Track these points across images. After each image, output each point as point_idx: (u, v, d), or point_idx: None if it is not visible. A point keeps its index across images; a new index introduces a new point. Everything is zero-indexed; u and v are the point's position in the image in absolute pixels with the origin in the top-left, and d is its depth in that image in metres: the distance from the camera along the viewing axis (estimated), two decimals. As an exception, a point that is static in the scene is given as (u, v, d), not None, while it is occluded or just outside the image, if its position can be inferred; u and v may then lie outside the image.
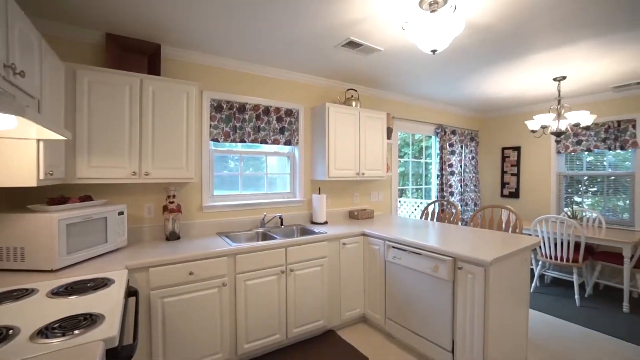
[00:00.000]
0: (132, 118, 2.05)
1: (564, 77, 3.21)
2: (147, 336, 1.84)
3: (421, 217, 3.72)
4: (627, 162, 3.79)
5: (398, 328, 2.43)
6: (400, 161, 4.40)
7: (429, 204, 3.72)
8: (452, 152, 4.51)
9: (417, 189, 4.62)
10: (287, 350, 2.37)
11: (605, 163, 4.01)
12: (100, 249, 1.88)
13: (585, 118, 3.12)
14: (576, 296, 3.27)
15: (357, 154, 3.12)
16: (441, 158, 4.31)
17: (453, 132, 4.51)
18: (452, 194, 4.48)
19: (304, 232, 2.85)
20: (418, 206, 4.61)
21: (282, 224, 2.87)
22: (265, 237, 2.70)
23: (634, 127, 3.63)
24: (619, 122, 3.73)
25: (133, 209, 2.34)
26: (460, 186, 4.60)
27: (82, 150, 1.90)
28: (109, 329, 1.01)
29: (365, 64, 2.83)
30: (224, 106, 2.65)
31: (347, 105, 3.13)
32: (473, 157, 4.83)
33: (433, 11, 1.84)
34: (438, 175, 4.34)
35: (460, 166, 4.63)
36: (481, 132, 5.16)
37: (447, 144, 4.44)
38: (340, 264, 2.62)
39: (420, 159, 4.57)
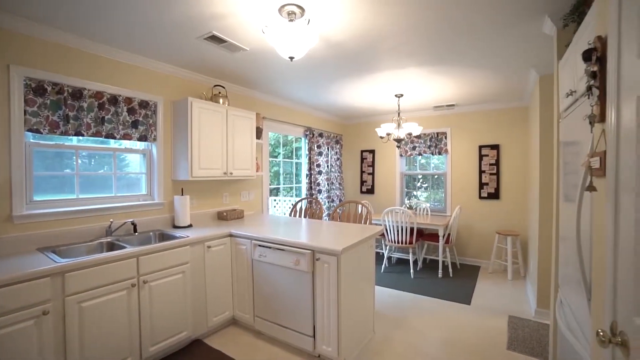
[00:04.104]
0: None
1: (402, 95, 3.96)
2: None
3: (290, 215, 3.92)
4: (443, 165, 4.99)
5: (266, 324, 2.49)
6: (274, 161, 4.51)
7: (296, 202, 3.96)
8: (320, 154, 4.94)
9: (290, 188, 4.84)
10: (140, 374, 2.10)
11: (432, 165, 5.17)
12: None
13: (415, 129, 3.94)
14: (411, 271, 4.11)
15: (225, 153, 3.02)
16: (310, 159, 4.66)
17: (320, 135, 4.94)
18: (320, 191, 4.90)
19: (163, 237, 2.57)
20: (292, 204, 4.84)
21: (135, 231, 2.51)
22: (112, 247, 2.30)
23: (445, 137, 4.82)
24: (437, 134, 4.87)
25: None
26: (327, 184, 5.08)
27: None
28: None
29: (233, 62, 2.77)
30: (49, 89, 2.11)
31: (214, 102, 3.00)
32: (338, 159, 5.42)
33: (291, 20, 1.96)
34: (307, 175, 4.67)
35: (327, 166, 5.11)
36: (344, 136, 5.83)
37: (315, 145, 4.83)
38: (205, 268, 2.49)
39: (293, 159, 4.81)
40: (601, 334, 0.81)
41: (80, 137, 2.32)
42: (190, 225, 2.84)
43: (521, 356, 2.32)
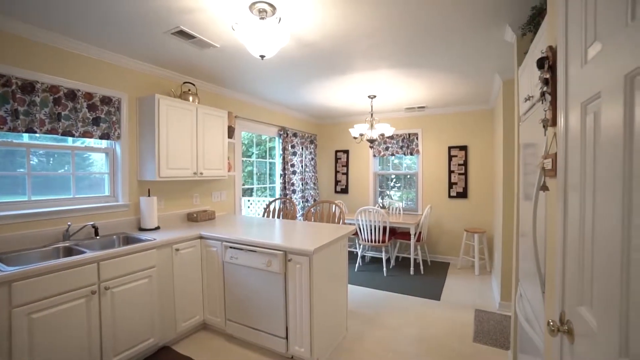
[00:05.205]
0: None
1: (375, 96, 4.02)
2: None
3: (263, 215, 3.87)
4: (415, 165, 5.13)
5: (238, 327, 2.44)
6: (247, 161, 4.44)
7: (270, 202, 3.92)
8: (294, 154, 4.92)
9: (264, 188, 4.78)
10: (102, 386, 1.98)
11: (404, 165, 5.30)
12: None
13: (388, 129, 4.02)
14: (384, 269, 4.19)
15: (195, 153, 2.93)
16: (284, 158, 4.63)
17: (295, 135, 4.92)
18: (294, 191, 4.88)
19: (128, 240, 2.45)
20: (267, 205, 4.78)
21: (97, 234, 2.37)
22: (70, 252, 2.16)
23: (417, 138, 4.96)
24: (409, 135, 5.00)
25: None
26: (302, 184, 5.07)
27: None
28: None
29: (203, 58, 2.68)
30: (-5, 81, 1.94)
31: (183, 99, 2.90)
32: (312, 158, 5.42)
33: (262, 18, 1.93)
34: (281, 175, 4.63)
35: (302, 166, 5.10)
36: (319, 136, 5.85)
37: (290, 145, 4.80)
38: (173, 272, 2.40)
39: (267, 159, 4.75)
40: (551, 323, 0.86)
41: (35, 135, 2.16)
42: (157, 228, 2.73)
43: (486, 347, 2.43)
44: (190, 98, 2.95)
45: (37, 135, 2.18)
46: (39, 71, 2.15)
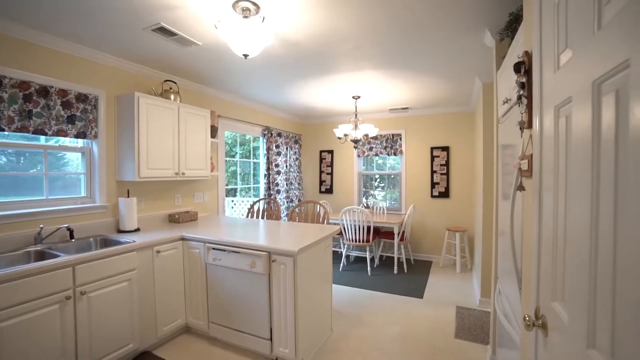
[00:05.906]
0: None
1: (359, 97, 4.05)
2: None
3: (247, 216, 3.83)
4: (399, 165, 5.20)
5: (222, 330, 2.41)
6: (231, 161, 4.38)
7: (254, 203, 3.88)
8: (279, 153, 4.89)
9: (248, 188, 4.73)
10: (78, 394, 1.91)
11: (388, 165, 5.37)
12: None
13: (372, 130, 4.05)
14: (368, 268, 4.23)
15: (176, 152, 2.86)
16: (268, 158, 4.59)
17: (279, 135, 4.89)
18: (278, 192, 4.85)
19: (106, 243, 2.37)
20: (251, 205, 4.73)
21: (72, 237, 2.27)
22: (43, 256, 2.06)
23: (400, 139, 5.04)
24: (392, 135, 5.07)
25: None
26: (286, 184, 5.05)
27: None
28: None
29: (186, 56, 2.63)
30: (-40, 77, 1.83)
31: (164, 98, 2.83)
32: (297, 159, 5.41)
33: (245, 17, 1.91)
34: (265, 175, 4.60)
35: (286, 166, 5.08)
36: (304, 136, 5.84)
37: (274, 145, 4.77)
38: (154, 274, 2.34)
39: (251, 159, 4.70)
40: (527, 318, 0.89)
41: (3, 132, 2.05)
42: (137, 229, 2.65)
43: (467, 343, 2.49)
44: (172, 97, 2.88)
45: (6, 133, 2.07)
46: (6, 65, 2.04)
